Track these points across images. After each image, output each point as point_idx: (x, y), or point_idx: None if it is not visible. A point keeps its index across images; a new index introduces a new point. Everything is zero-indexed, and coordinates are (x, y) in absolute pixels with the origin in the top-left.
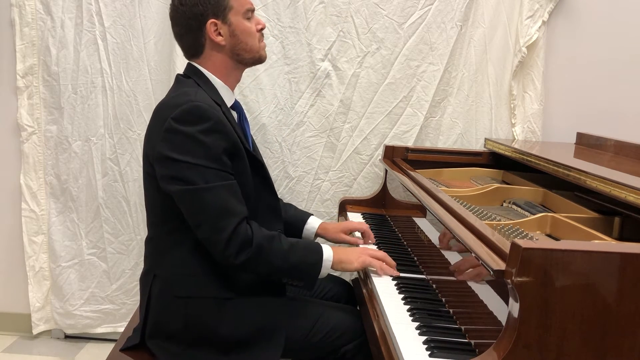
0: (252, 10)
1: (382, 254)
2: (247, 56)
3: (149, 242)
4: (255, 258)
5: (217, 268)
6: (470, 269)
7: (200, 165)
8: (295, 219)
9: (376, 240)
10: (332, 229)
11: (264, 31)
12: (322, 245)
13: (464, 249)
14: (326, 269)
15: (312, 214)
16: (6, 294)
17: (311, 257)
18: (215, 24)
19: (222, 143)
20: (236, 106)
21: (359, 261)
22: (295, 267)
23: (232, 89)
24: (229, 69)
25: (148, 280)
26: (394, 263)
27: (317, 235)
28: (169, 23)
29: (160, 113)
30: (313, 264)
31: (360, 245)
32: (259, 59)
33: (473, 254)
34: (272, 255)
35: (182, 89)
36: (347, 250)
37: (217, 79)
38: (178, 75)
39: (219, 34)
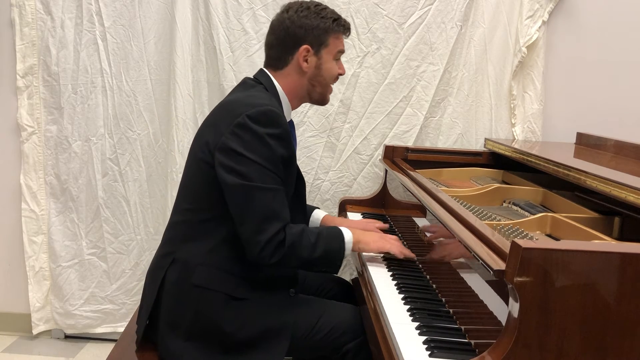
0: (342, 53)
1: (396, 239)
2: (318, 90)
3: (175, 226)
4: (288, 256)
5: (238, 266)
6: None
7: (261, 165)
8: None
9: None
10: (339, 224)
11: None
12: (341, 229)
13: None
14: (348, 250)
15: (318, 207)
16: (6, 294)
17: (335, 244)
18: (308, 51)
19: (284, 151)
20: (289, 125)
21: (377, 244)
22: (323, 256)
23: (292, 109)
24: (298, 93)
25: (164, 264)
26: (408, 251)
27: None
28: (169, 23)
29: (234, 107)
30: (337, 250)
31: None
32: (323, 99)
33: (473, 254)
34: (302, 250)
35: (257, 92)
36: (365, 232)
37: (285, 95)
38: (247, 78)
39: (306, 60)
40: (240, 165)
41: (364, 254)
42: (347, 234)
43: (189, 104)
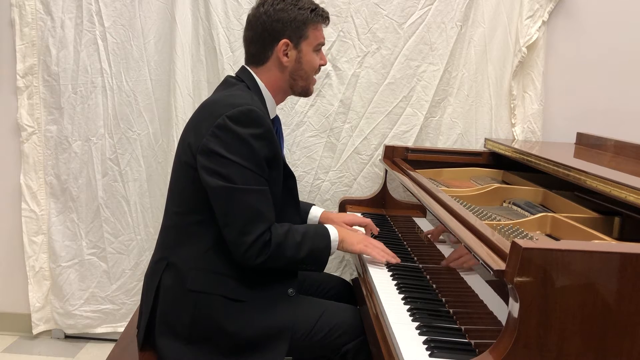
0: (322, 45)
1: (381, 245)
2: (300, 83)
3: (167, 230)
4: (273, 257)
5: (232, 268)
6: (462, 258)
7: (243, 167)
8: None
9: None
10: (335, 219)
11: None
12: (327, 227)
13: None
14: (334, 249)
15: (314, 204)
16: (6, 294)
17: (321, 242)
18: (287, 45)
19: (267, 151)
20: (275, 121)
21: (360, 245)
22: (309, 255)
23: (277, 104)
24: (281, 88)
25: (159, 269)
26: (392, 254)
27: (320, 224)
28: (169, 23)
29: (214, 108)
30: (324, 248)
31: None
32: (306, 91)
33: (473, 254)
34: (288, 250)
35: (237, 91)
36: (350, 232)
37: (267, 91)
38: (229, 76)
39: (286, 55)
40: (221, 168)
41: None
42: (333, 232)
43: (189, 104)
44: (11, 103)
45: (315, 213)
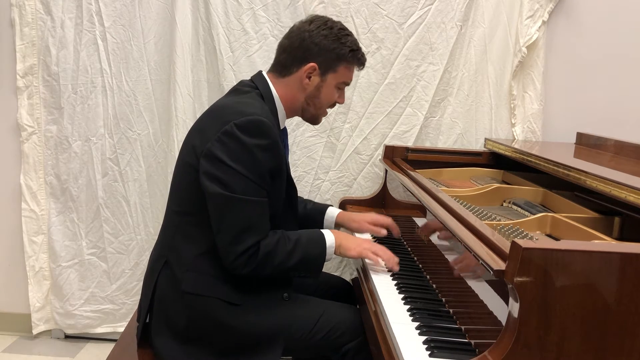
0: (347, 85)
1: (381, 248)
2: (311, 110)
3: (166, 229)
4: (262, 265)
5: (228, 272)
6: (469, 265)
7: (245, 176)
8: (313, 211)
9: (376, 240)
10: (356, 219)
11: None
12: (324, 232)
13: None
14: (330, 255)
15: (331, 205)
16: (6, 294)
17: (315, 249)
18: (314, 69)
19: (271, 163)
20: (282, 132)
21: (357, 250)
22: (301, 262)
23: (287, 117)
24: (293, 106)
25: (157, 267)
26: (392, 256)
27: (337, 224)
28: (169, 23)
29: (223, 113)
30: (317, 255)
31: (365, 236)
32: (314, 120)
33: (473, 254)
34: (277, 258)
35: (249, 99)
36: (348, 237)
37: (281, 103)
38: (242, 81)
39: (309, 78)
40: (223, 175)
41: None
42: (329, 239)
43: (189, 104)
44: (11, 103)
45: (331, 213)
